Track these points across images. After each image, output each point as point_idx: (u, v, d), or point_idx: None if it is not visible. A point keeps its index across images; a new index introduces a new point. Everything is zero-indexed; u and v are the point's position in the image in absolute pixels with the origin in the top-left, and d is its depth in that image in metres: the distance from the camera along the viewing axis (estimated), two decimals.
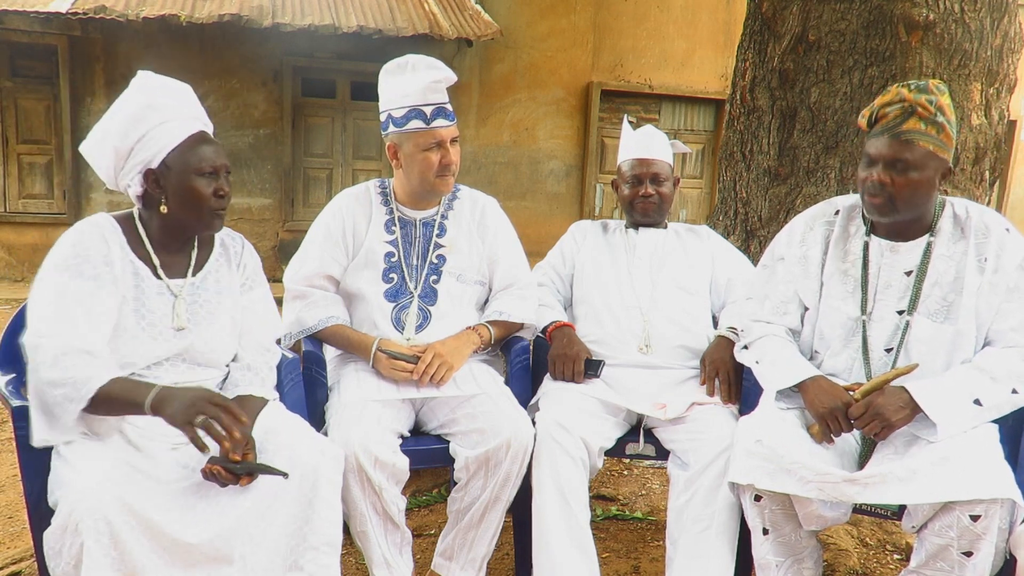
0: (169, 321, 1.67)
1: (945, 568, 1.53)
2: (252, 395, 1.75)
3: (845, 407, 1.69)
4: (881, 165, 1.70)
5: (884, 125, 1.72)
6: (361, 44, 7.23)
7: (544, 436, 1.91)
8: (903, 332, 1.76)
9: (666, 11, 8.71)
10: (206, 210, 1.68)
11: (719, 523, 1.85)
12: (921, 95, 1.69)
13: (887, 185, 1.70)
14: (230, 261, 1.82)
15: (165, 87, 1.71)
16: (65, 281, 1.56)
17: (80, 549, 1.37)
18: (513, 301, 2.22)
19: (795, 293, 1.93)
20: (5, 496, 2.81)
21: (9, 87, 7.22)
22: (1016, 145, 9.42)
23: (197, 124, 1.69)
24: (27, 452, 1.56)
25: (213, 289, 1.76)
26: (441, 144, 2.07)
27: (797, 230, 1.96)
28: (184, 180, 1.64)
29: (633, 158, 2.35)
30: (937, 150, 1.69)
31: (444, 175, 2.10)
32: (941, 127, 1.69)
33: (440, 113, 2.05)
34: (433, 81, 2.03)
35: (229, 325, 1.77)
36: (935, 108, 1.69)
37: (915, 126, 1.68)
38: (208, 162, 1.66)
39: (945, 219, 1.79)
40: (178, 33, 7.00)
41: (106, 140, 1.65)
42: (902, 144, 1.68)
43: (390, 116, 2.08)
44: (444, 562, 2.01)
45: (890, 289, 1.80)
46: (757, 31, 3.26)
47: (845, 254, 1.87)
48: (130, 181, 1.67)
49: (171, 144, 1.63)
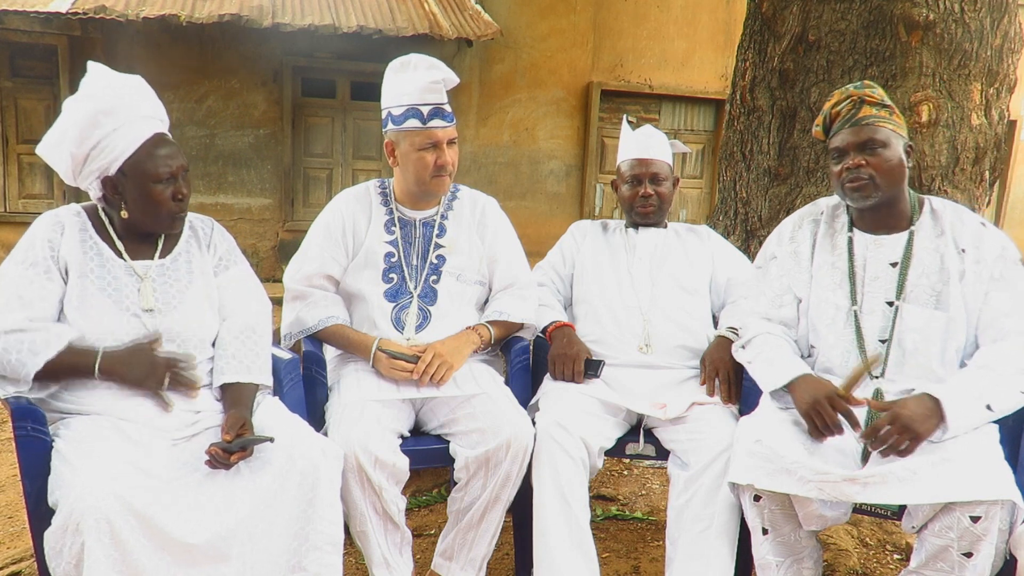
0: (137, 301, 1.70)
1: (945, 569, 1.54)
2: (240, 382, 1.76)
3: (828, 398, 1.68)
4: (852, 152, 1.81)
5: (842, 120, 1.85)
6: (361, 44, 7.23)
7: (544, 436, 1.91)
8: (894, 321, 1.80)
9: (666, 11, 8.70)
10: (165, 214, 1.71)
11: (719, 523, 1.85)
12: (864, 88, 1.86)
13: (863, 166, 1.79)
14: (200, 243, 1.85)
15: (117, 86, 1.70)
16: (9, 268, 1.64)
17: (81, 548, 1.37)
18: (513, 301, 2.22)
19: (788, 286, 1.97)
20: (5, 496, 2.81)
21: (9, 87, 7.22)
22: (1016, 145, 9.41)
23: (152, 125, 1.70)
24: (27, 452, 1.56)
25: (184, 270, 1.79)
26: (437, 145, 2.06)
27: (786, 229, 2.03)
28: (142, 187, 1.67)
29: (632, 158, 2.35)
30: (895, 129, 1.82)
31: (439, 176, 2.09)
32: (891, 109, 1.85)
33: (437, 114, 2.05)
34: (431, 81, 2.03)
35: (204, 304, 1.79)
36: (878, 96, 1.84)
37: (870, 112, 1.82)
38: (165, 168, 1.68)
39: (924, 214, 1.87)
40: (178, 33, 7.00)
41: (62, 145, 1.66)
42: (864, 128, 1.81)
43: (389, 114, 2.08)
44: (444, 562, 2.01)
45: (877, 281, 1.84)
46: (757, 31, 3.26)
47: (832, 247, 1.93)
48: (89, 185, 1.70)
49: (127, 152, 1.65)
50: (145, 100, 1.72)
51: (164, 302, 1.73)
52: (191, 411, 1.72)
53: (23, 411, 1.55)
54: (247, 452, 1.58)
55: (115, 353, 1.61)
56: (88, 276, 1.66)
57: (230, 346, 1.80)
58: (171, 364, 1.64)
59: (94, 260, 1.68)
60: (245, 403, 1.72)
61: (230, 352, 1.79)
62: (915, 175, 2.87)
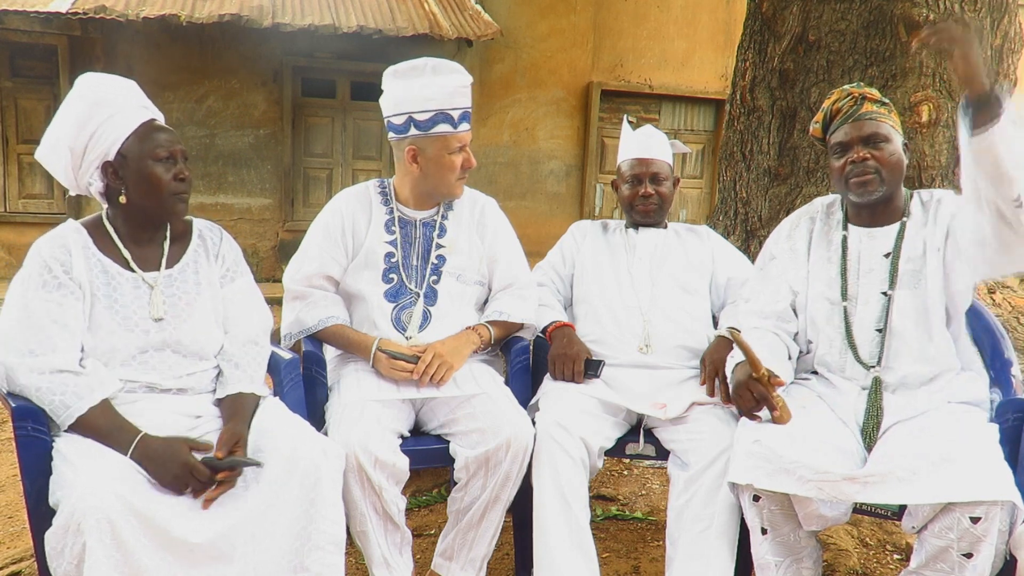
0: (146, 312, 1.69)
1: (945, 569, 1.54)
2: (242, 392, 1.76)
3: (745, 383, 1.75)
4: (857, 145, 1.83)
5: (843, 117, 1.86)
6: (361, 44, 7.23)
7: (544, 436, 1.91)
8: (886, 310, 1.84)
9: (666, 11, 8.70)
10: (166, 195, 1.69)
11: (719, 523, 1.85)
12: (863, 87, 1.88)
13: (869, 160, 1.81)
14: (208, 253, 1.84)
15: (108, 84, 1.71)
16: (32, 296, 1.60)
17: (82, 549, 1.37)
18: (513, 301, 2.22)
19: (787, 283, 2.00)
20: (5, 496, 2.82)
21: (9, 87, 7.23)
22: None
23: (146, 113, 1.71)
24: (27, 452, 1.56)
25: (192, 281, 1.78)
26: (463, 147, 2.11)
27: (784, 228, 2.08)
28: (142, 167, 1.66)
29: (633, 158, 2.35)
30: (894, 126, 1.86)
31: (463, 177, 2.14)
32: (890, 107, 1.88)
33: (465, 117, 2.09)
34: (460, 86, 2.06)
35: (211, 316, 1.79)
36: (878, 95, 1.87)
37: (871, 108, 1.85)
38: (164, 147, 1.68)
39: (915, 205, 1.90)
40: (178, 33, 7.00)
41: (60, 143, 1.66)
42: (868, 122, 1.83)
43: (412, 119, 2.06)
44: (444, 562, 2.01)
45: (872, 273, 1.89)
46: (757, 31, 3.26)
47: (828, 243, 1.97)
48: (90, 178, 1.69)
49: (124, 134, 1.65)
50: (138, 97, 1.73)
51: (173, 314, 1.72)
52: (191, 416, 1.72)
53: (23, 411, 1.55)
54: (234, 471, 1.56)
55: (152, 445, 1.55)
56: (96, 295, 1.65)
57: (234, 356, 1.80)
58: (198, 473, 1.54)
59: (99, 278, 1.67)
60: (244, 416, 1.72)
61: (234, 362, 1.79)
62: (915, 175, 2.87)
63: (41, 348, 1.57)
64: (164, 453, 1.53)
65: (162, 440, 1.56)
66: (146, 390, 1.69)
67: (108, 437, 1.55)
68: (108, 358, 1.65)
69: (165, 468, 1.51)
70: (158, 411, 1.66)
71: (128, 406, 1.63)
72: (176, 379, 1.72)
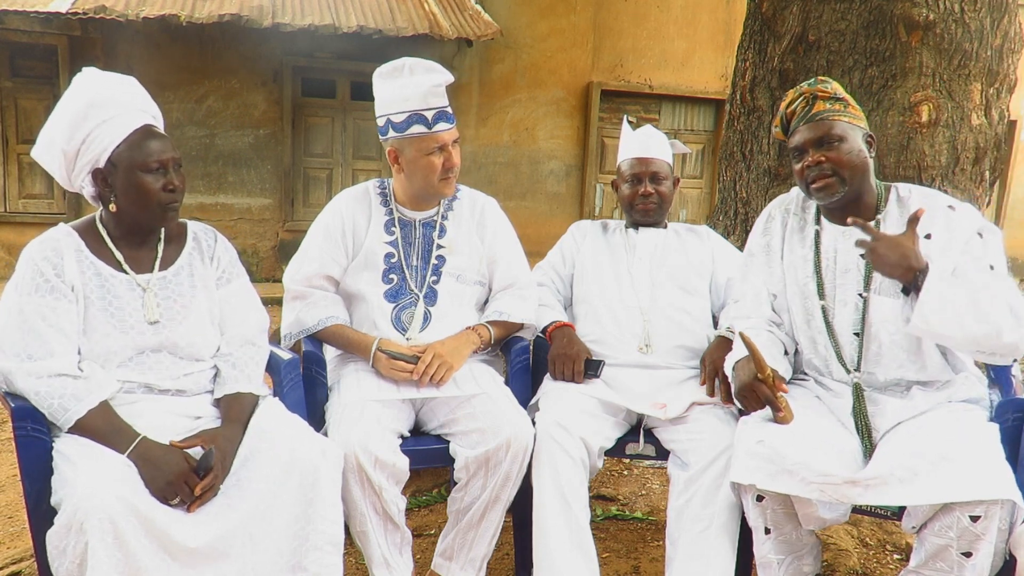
0: (141, 315, 1.68)
1: (944, 568, 1.54)
2: (240, 392, 1.76)
3: (750, 385, 1.73)
4: (811, 149, 1.80)
5: (798, 119, 1.84)
6: (361, 44, 7.23)
7: (544, 436, 1.91)
8: (863, 313, 1.80)
9: (666, 11, 8.70)
10: (155, 205, 1.67)
11: (719, 523, 1.85)
12: (816, 84, 1.85)
13: (824, 163, 1.77)
14: (203, 255, 1.83)
15: (107, 82, 1.69)
16: (25, 301, 1.59)
17: (84, 549, 1.37)
18: (513, 301, 2.22)
19: (765, 284, 1.98)
20: (5, 496, 2.81)
21: (9, 87, 7.22)
22: (1016, 145, 9.41)
23: (142, 118, 1.68)
24: (27, 452, 1.56)
25: (187, 283, 1.77)
26: (443, 147, 2.07)
27: (760, 223, 2.05)
28: (130, 177, 1.64)
29: (632, 157, 2.35)
30: (852, 120, 1.81)
31: (447, 177, 2.10)
32: (846, 102, 1.83)
33: (441, 117, 2.05)
34: (433, 85, 2.03)
35: (207, 318, 1.78)
36: (831, 90, 1.83)
37: (823, 107, 1.81)
38: (154, 157, 1.65)
39: (891, 202, 1.86)
40: (178, 33, 7.00)
41: (54, 144, 1.65)
42: (819, 123, 1.80)
43: (389, 121, 2.07)
44: (444, 562, 2.01)
45: (849, 273, 1.85)
46: (757, 31, 3.26)
47: (803, 239, 1.93)
48: (83, 182, 1.68)
49: (115, 141, 1.63)
50: (136, 96, 1.70)
51: (168, 316, 1.72)
52: (191, 417, 1.72)
53: (23, 411, 1.55)
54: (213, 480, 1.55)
55: (151, 449, 1.55)
56: (90, 297, 1.65)
57: (231, 356, 1.80)
58: (192, 485, 1.54)
59: (93, 281, 1.66)
60: (241, 416, 1.71)
61: (231, 362, 1.79)
62: (915, 175, 2.87)
63: (38, 352, 1.57)
64: (163, 459, 1.53)
65: (163, 446, 1.56)
66: (144, 390, 1.69)
67: (107, 439, 1.55)
68: (104, 360, 1.65)
69: (161, 473, 1.51)
70: (158, 412, 1.67)
71: (128, 407, 1.63)
72: (173, 380, 1.72)
